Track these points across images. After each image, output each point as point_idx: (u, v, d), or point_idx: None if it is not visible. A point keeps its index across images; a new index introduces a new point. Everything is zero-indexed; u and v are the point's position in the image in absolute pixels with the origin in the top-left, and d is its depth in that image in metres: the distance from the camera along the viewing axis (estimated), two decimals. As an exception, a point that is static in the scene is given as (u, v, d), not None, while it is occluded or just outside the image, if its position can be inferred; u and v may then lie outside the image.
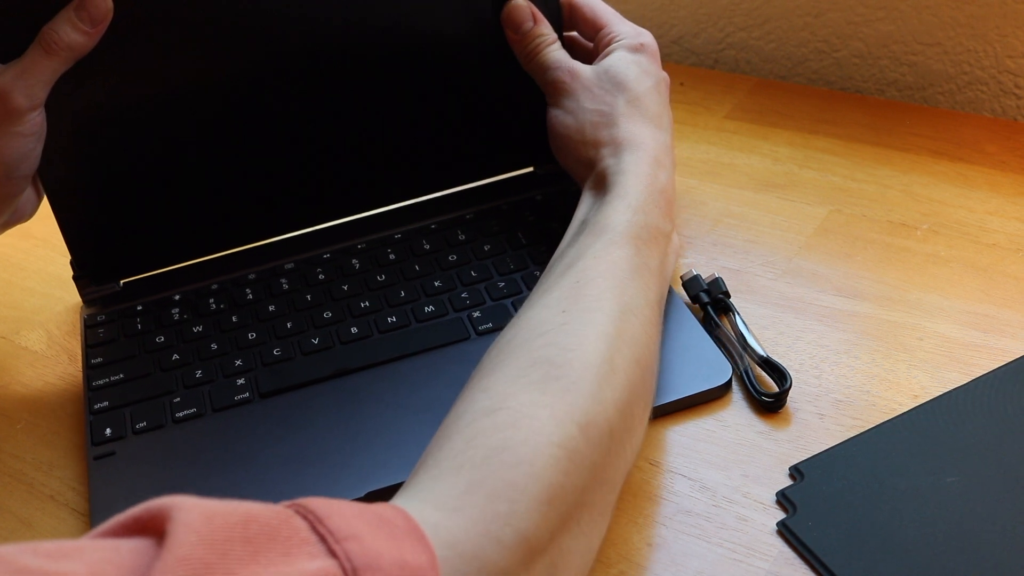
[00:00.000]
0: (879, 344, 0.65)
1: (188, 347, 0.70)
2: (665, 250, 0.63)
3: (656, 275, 0.61)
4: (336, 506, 0.42)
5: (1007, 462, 0.56)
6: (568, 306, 0.56)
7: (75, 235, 0.73)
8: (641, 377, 0.55)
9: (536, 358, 0.53)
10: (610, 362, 0.53)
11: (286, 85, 0.72)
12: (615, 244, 0.60)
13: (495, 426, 0.49)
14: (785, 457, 0.59)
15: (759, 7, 0.96)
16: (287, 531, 0.39)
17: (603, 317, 0.55)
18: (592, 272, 0.58)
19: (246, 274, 0.75)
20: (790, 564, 0.53)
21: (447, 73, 0.75)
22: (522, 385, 0.51)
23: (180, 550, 0.36)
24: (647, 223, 0.62)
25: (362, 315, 0.70)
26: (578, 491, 0.48)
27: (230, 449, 0.63)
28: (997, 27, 0.86)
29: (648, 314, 0.58)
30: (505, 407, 0.49)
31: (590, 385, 0.51)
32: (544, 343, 0.53)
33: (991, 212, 0.75)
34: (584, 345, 0.53)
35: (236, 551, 0.37)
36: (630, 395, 0.53)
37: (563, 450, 0.48)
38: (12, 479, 0.65)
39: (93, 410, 0.66)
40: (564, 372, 0.51)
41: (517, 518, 0.45)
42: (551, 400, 0.50)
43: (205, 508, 0.38)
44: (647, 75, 0.70)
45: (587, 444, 0.49)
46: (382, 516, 0.42)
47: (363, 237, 0.77)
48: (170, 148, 0.72)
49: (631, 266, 0.59)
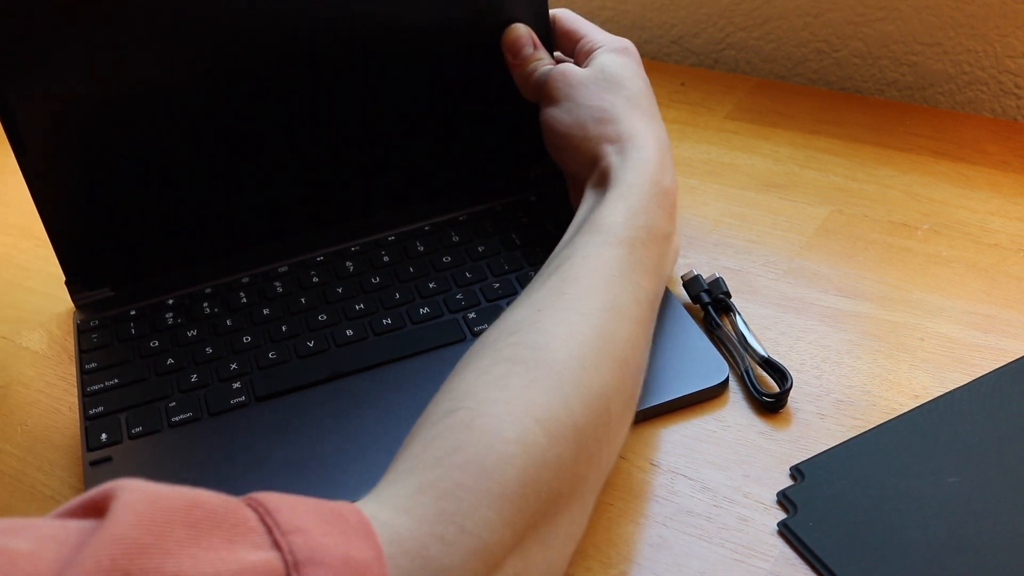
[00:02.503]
0: (880, 344, 0.65)
1: (183, 351, 0.69)
2: (664, 250, 0.63)
3: (651, 275, 0.60)
4: (288, 500, 0.42)
5: (1008, 462, 0.55)
6: (545, 305, 0.55)
7: (64, 241, 0.73)
8: (620, 376, 0.54)
9: (501, 356, 0.52)
10: (579, 359, 0.52)
11: (279, 89, 0.72)
12: (608, 244, 0.59)
13: (451, 427, 0.48)
14: (786, 457, 0.58)
15: (759, 7, 0.96)
16: (233, 519, 0.39)
17: (578, 317, 0.54)
18: (578, 271, 0.57)
19: (240, 277, 0.75)
20: (791, 564, 0.52)
21: (441, 77, 0.75)
22: (483, 383, 0.51)
23: (116, 529, 0.36)
24: (647, 224, 0.61)
25: (357, 317, 0.70)
26: (543, 486, 0.48)
27: (226, 453, 0.62)
28: (997, 27, 0.85)
29: (637, 313, 0.57)
30: (464, 407, 0.49)
31: (552, 381, 0.51)
32: (512, 342, 0.53)
33: (992, 212, 0.75)
34: (552, 343, 0.53)
35: (176, 534, 0.37)
36: (604, 393, 0.52)
37: (519, 446, 0.47)
38: (12, 479, 0.65)
39: (88, 415, 0.66)
40: (525, 369, 0.51)
41: (464, 517, 0.45)
42: (509, 396, 0.49)
43: (151, 491, 0.38)
44: (638, 76, 0.69)
45: (548, 440, 0.48)
46: (334, 511, 0.42)
47: (357, 239, 0.76)
48: (160, 152, 0.72)
49: (622, 266, 0.58)
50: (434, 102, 0.76)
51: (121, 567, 0.35)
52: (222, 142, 0.73)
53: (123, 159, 0.71)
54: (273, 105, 0.72)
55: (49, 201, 0.71)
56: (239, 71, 0.70)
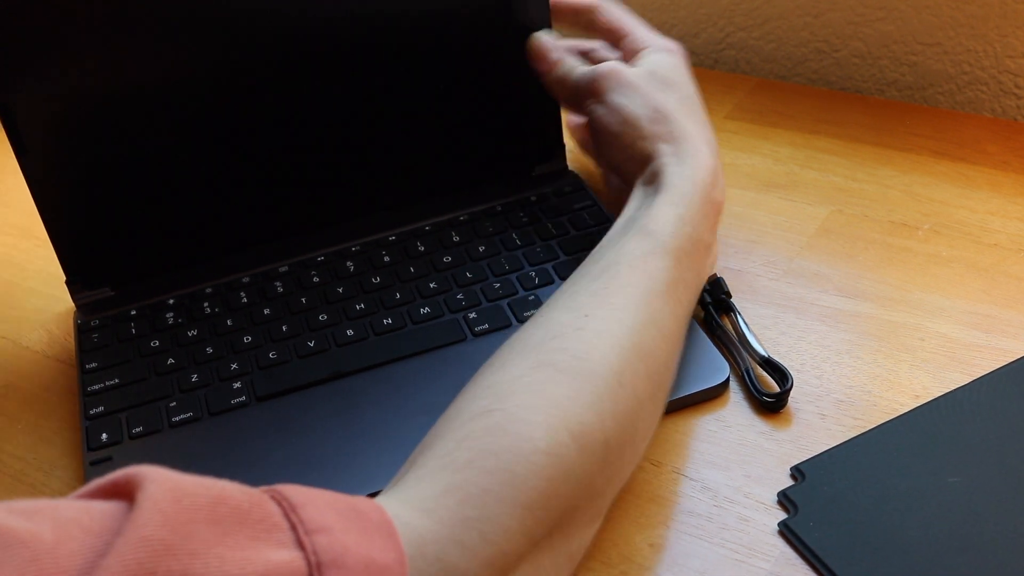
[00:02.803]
0: (881, 344, 0.65)
1: (183, 351, 0.69)
2: (705, 263, 0.62)
3: (691, 290, 0.60)
4: (311, 495, 0.41)
5: (1009, 462, 0.55)
6: (591, 311, 0.55)
7: (64, 241, 0.73)
8: (651, 393, 0.54)
9: (543, 360, 0.52)
10: (619, 375, 0.52)
11: (280, 89, 0.72)
12: (655, 254, 0.58)
13: (486, 429, 0.48)
14: (786, 457, 0.58)
15: (759, 7, 0.96)
16: (258, 514, 0.39)
17: (622, 328, 0.54)
18: (624, 280, 0.57)
19: (240, 277, 0.75)
20: (791, 564, 0.52)
21: (441, 77, 0.75)
22: (522, 385, 0.50)
23: (144, 529, 0.36)
24: (693, 234, 0.60)
25: (358, 317, 0.70)
26: (564, 499, 0.47)
27: (227, 453, 0.62)
28: (997, 27, 0.85)
29: (673, 329, 0.57)
30: (500, 408, 0.49)
31: (592, 395, 0.50)
32: (555, 347, 0.53)
33: (992, 212, 0.75)
34: (594, 354, 0.52)
35: (202, 533, 0.37)
36: (635, 410, 0.52)
37: (550, 457, 0.47)
38: (13, 479, 0.65)
39: (89, 415, 0.66)
40: (567, 378, 0.51)
41: (486, 523, 0.44)
42: (547, 405, 0.49)
43: (176, 485, 0.38)
44: (689, 78, 0.69)
45: (579, 453, 0.48)
46: (357, 508, 0.42)
47: (357, 239, 0.76)
48: (160, 152, 0.72)
49: (667, 279, 0.58)
50: (435, 102, 0.76)
51: (148, 570, 0.35)
52: (222, 141, 0.72)
53: (123, 159, 0.71)
54: (274, 105, 0.72)
55: (49, 201, 0.71)
56: (239, 71, 0.70)
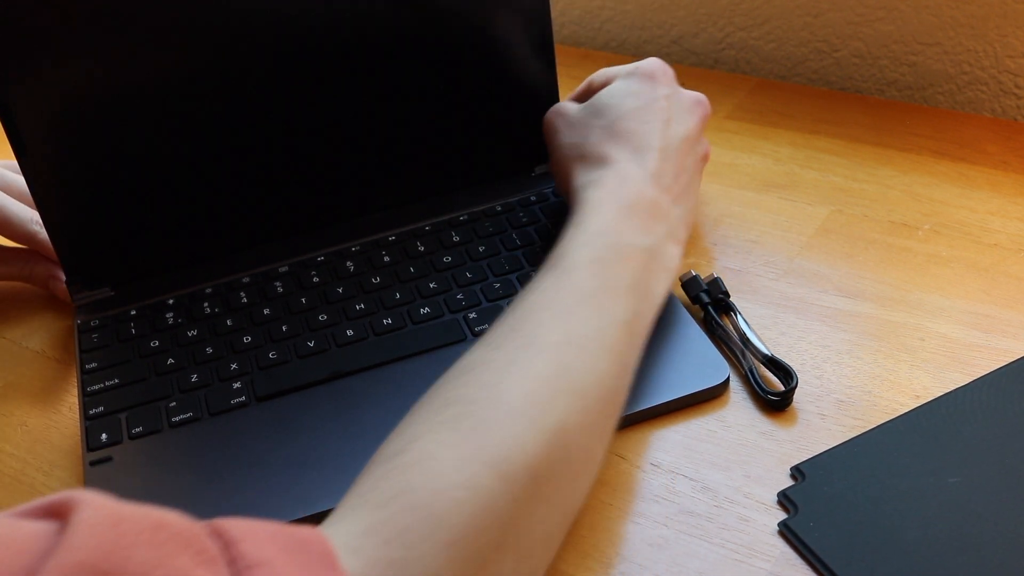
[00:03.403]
0: (881, 344, 0.65)
1: (183, 351, 0.69)
2: (645, 265, 0.60)
3: (626, 294, 0.58)
4: (252, 528, 0.41)
5: (1009, 463, 0.55)
6: (502, 342, 0.54)
7: (65, 241, 0.73)
8: (581, 410, 0.51)
9: (451, 397, 0.51)
10: (532, 396, 0.50)
11: (280, 89, 0.72)
12: (566, 272, 0.57)
13: (400, 467, 0.47)
14: (787, 457, 0.58)
15: (759, 7, 0.96)
16: (197, 546, 0.38)
17: (530, 353, 0.52)
18: (533, 305, 0.56)
19: (240, 277, 0.75)
20: (791, 565, 0.52)
21: (441, 77, 0.75)
22: (431, 425, 0.49)
23: (79, 553, 0.35)
24: (613, 242, 0.59)
25: (357, 317, 0.70)
26: (493, 531, 0.46)
27: (227, 453, 0.62)
28: (997, 27, 0.85)
29: (604, 340, 0.55)
30: (411, 448, 0.48)
31: (503, 421, 0.49)
32: (464, 382, 0.52)
33: (993, 212, 0.75)
34: (503, 382, 0.51)
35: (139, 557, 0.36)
36: (562, 429, 0.50)
37: (468, 491, 0.46)
38: (12, 479, 0.65)
39: (88, 415, 0.66)
40: (475, 410, 0.49)
41: (412, 564, 0.43)
42: (459, 440, 0.48)
43: (113, 511, 0.37)
44: (632, 96, 0.68)
45: (500, 483, 0.47)
46: (301, 540, 0.41)
47: (357, 239, 0.76)
48: (160, 152, 0.72)
49: (584, 292, 0.56)
50: (435, 102, 0.76)
51: None
52: (222, 141, 0.72)
53: (123, 159, 0.71)
54: (274, 105, 0.72)
55: (49, 201, 0.71)
56: (240, 71, 0.70)
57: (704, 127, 0.71)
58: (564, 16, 1.07)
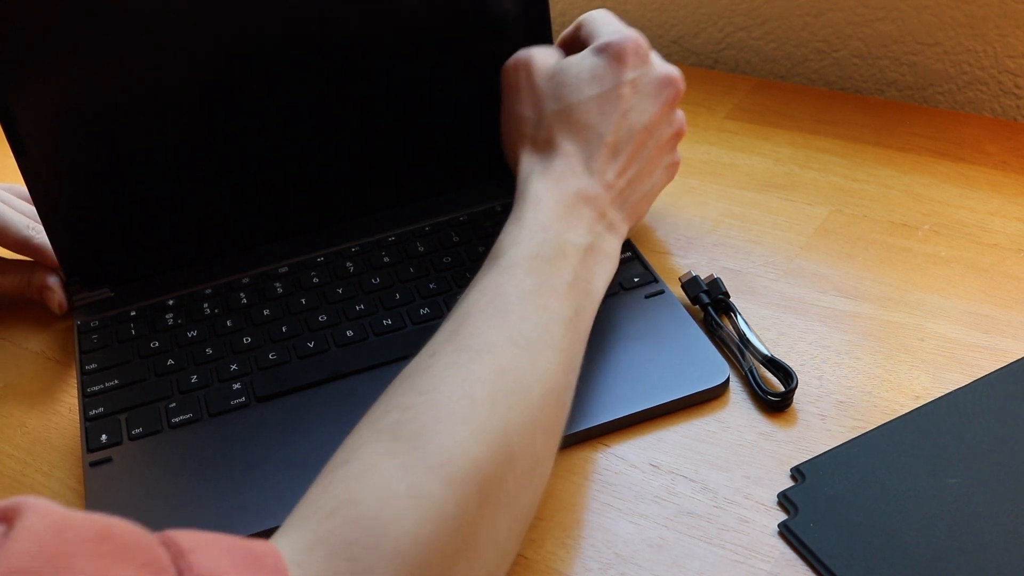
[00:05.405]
0: (881, 345, 0.65)
1: (183, 352, 0.69)
2: (584, 261, 0.59)
3: (567, 291, 0.57)
4: (205, 540, 0.40)
5: (1009, 463, 0.55)
6: (438, 348, 0.53)
7: (65, 241, 0.73)
8: (524, 410, 0.51)
9: (392, 405, 0.50)
10: (471, 398, 0.50)
11: (280, 90, 0.72)
12: (505, 269, 0.57)
13: (343, 478, 0.47)
14: (786, 458, 0.58)
15: (759, 7, 0.96)
16: (145, 556, 0.38)
17: (469, 355, 0.52)
18: (472, 306, 0.55)
19: (240, 278, 0.75)
20: (791, 565, 0.52)
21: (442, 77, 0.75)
22: (372, 435, 0.49)
23: (16, 560, 0.34)
24: (553, 238, 0.59)
25: (357, 318, 0.70)
26: (443, 538, 0.45)
27: (227, 454, 0.62)
28: (997, 27, 0.85)
29: (546, 338, 0.54)
30: (353, 459, 0.48)
31: (445, 427, 0.48)
32: (404, 389, 0.51)
33: (992, 212, 0.75)
34: (442, 387, 0.50)
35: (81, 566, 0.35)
36: (504, 430, 0.49)
37: (412, 500, 0.45)
38: (12, 480, 0.65)
39: (88, 416, 0.66)
40: (415, 416, 0.49)
41: None
42: (400, 448, 0.47)
43: (59, 519, 0.37)
44: (595, 82, 0.65)
45: (444, 489, 0.46)
46: (254, 553, 0.41)
47: (357, 240, 0.76)
48: (160, 153, 0.72)
49: (523, 290, 0.56)
50: (436, 102, 0.76)
51: None
52: (222, 142, 0.72)
53: (123, 160, 0.71)
54: (273, 106, 0.72)
55: (49, 202, 0.71)
56: (240, 72, 0.70)
57: (674, 105, 0.68)
58: (564, 16, 1.07)
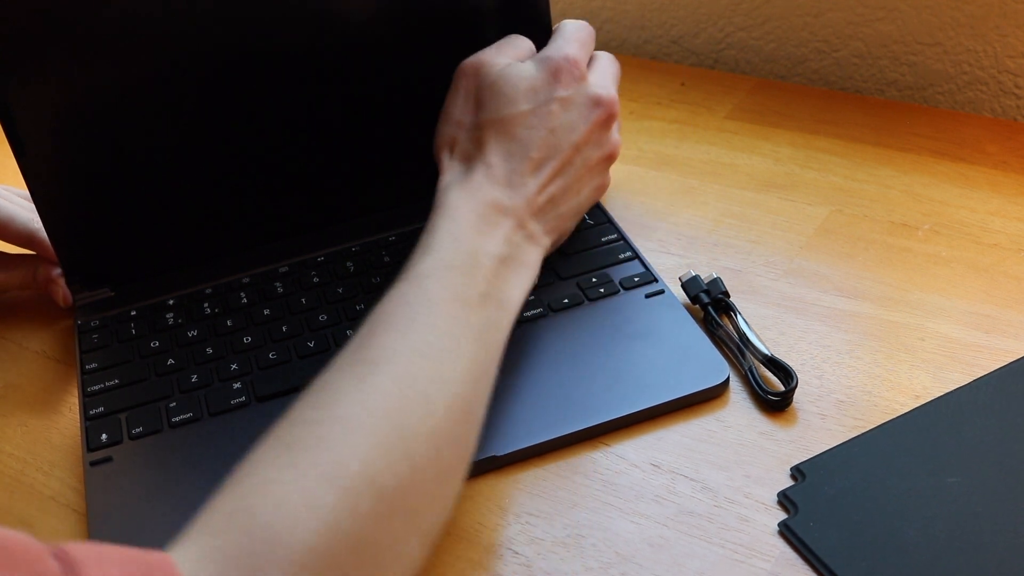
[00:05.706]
0: (881, 344, 0.65)
1: (183, 351, 0.69)
2: (498, 273, 0.59)
3: (479, 303, 0.57)
4: (100, 552, 0.40)
5: (1009, 463, 0.55)
6: (344, 361, 0.53)
7: (65, 241, 0.73)
8: (428, 417, 0.51)
9: (295, 419, 0.50)
10: (370, 409, 0.49)
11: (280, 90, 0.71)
12: (416, 280, 0.57)
13: (241, 489, 0.47)
14: (787, 457, 0.58)
15: (759, 7, 0.96)
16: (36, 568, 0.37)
17: (375, 367, 0.52)
18: (384, 317, 0.55)
19: (240, 278, 0.75)
20: (791, 565, 0.52)
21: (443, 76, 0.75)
22: (272, 448, 0.49)
23: None
24: (466, 249, 0.59)
25: (358, 318, 0.69)
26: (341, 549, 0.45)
27: (228, 453, 0.61)
28: (997, 27, 0.85)
29: (455, 347, 0.54)
30: (253, 472, 0.48)
31: (343, 437, 0.48)
32: (308, 403, 0.51)
33: (993, 212, 0.75)
34: (344, 399, 0.50)
35: None
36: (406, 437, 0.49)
37: (309, 510, 0.45)
38: (12, 479, 0.65)
39: (89, 416, 0.66)
40: (315, 429, 0.49)
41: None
42: (297, 460, 0.47)
43: None
44: (528, 96, 0.65)
45: (343, 498, 0.46)
46: (148, 564, 0.41)
47: (357, 240, 0.76)
48: (160, 153, 0.72)
49: (433, 300, 0.56)
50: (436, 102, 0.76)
51: None
52: (222, 142, 0.72)
53: (123, 160, 0.71)
54: (274, 106, 0.72)
55: (49, 202, 0.71)
56: (240, 72, 0.70)
57: (605, 127, 0.67)
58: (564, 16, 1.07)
